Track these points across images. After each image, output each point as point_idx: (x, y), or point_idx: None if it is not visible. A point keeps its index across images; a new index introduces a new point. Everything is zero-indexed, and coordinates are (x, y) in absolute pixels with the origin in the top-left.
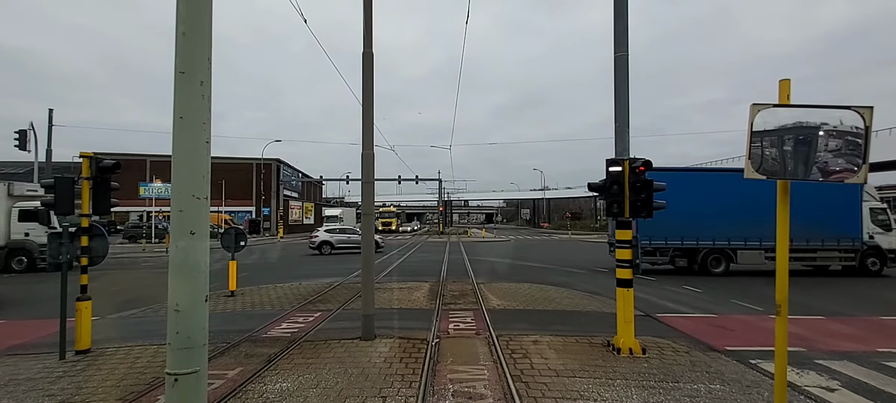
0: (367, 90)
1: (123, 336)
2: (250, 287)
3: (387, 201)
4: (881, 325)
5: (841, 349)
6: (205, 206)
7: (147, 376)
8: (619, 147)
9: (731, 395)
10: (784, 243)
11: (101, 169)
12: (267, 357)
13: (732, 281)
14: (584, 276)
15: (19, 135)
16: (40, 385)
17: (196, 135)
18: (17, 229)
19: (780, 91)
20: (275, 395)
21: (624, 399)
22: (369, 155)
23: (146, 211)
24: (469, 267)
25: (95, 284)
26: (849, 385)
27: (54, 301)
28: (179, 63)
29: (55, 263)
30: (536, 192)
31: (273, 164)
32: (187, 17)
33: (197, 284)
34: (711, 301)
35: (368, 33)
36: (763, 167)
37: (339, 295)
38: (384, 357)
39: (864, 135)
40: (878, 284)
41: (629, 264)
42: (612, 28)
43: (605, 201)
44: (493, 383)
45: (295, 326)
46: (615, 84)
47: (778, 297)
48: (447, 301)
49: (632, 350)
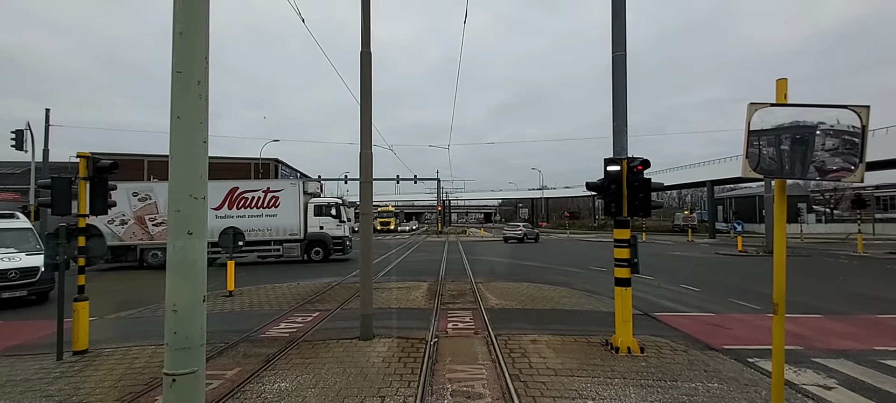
0: (365, 90)
1: (121, 337)
2: (248, 287)
3: (385, 201)
4: (878, 323)
5: (838, 347)
6: (202, 206)
7: (145, 376)
8: (618, 146)
9: (728, 394)
10: (781, 242)
11: (98, 169)
12: (265, 358)
13: (731, 279)
14: (583, 275)
15: (16, 134)
16: (37, 386)
17: (193, 135)
18: (313, 223)
19: (778, 90)
20: (273, 395)
21: (622, 397)
22: (367, 154)
23: None
24: (467, 266)
25: (93, 284)
26: (846, 384)
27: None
28: (177, 62)
29: (52, 263)
30: (535, 192)
31: (271, 164)
32: (184, 17)
33: (195, 284)
34: (709, 299)
35: (366, 33)
36: (760, 166)
37: (338, 294)
38: (383, 356)
39: (860, 134)
40: (877, 283)
41: (627, 263)
42: (611, 27)
43: (603, 200)
44: (492, 382)
45: (293, 326)
46: (613, 83)
47: (775, 296)
48: (446, 300)
49: (630, 349)
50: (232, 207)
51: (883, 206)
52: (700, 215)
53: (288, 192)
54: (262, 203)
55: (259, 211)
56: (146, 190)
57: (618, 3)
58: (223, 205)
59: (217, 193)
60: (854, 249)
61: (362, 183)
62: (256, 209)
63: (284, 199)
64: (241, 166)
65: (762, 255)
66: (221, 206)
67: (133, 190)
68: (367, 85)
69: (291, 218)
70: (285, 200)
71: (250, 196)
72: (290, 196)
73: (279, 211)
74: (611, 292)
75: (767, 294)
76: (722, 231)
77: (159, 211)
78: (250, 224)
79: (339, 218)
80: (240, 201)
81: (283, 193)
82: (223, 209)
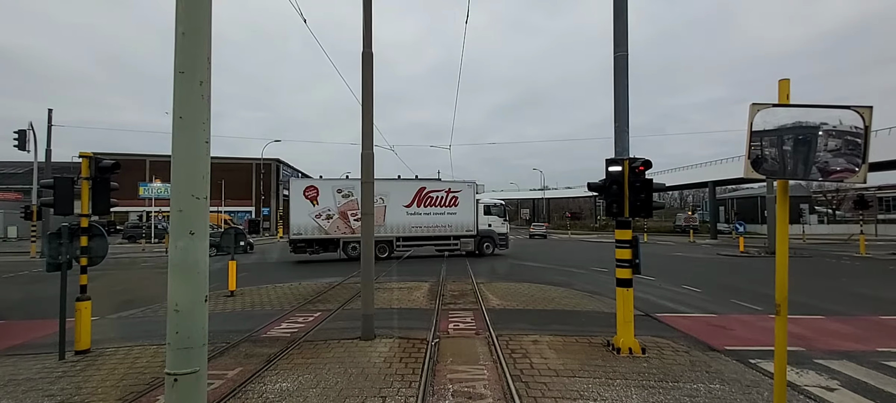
0: (366, 90)
1: (123, 337)
2: (250, 287)
3: None
4: (880, 324)
5: (840, 348)
6: (204, 206)
7: (147, 376)
8: (619, 147)
9: (730, 395)
10: (784, 243)
11: (100, 169)
12: (267, 358)
13: (733, 280)
14: (584, 276)
15: (18, 135)
16: (40, 386)
17: (195, 135)
18: (482, 221)
19: (780, 91)
20: (274, 395)
21: (624, 398)
22: (369, 154)
23: (146, 211)
24: (469, 266)
25: (95, 284)
26: (848, 385)
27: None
28: (179, 63)
29: (54, 263)
30: (536, 192)
31: (272, 164)
32: (187, 17)
33: (196, 284)
34: (711, 300)
35: (368, 33)
36: (763, 167)
37: (339, 294)
38: (384, 356)
39: (863, 135)
40: (879, 284)
41: (629, 264)
42: (612, 27)
43: (604, 201)
44: (493, 383)
45: (295, 326)
46: (615, 84)
47: (777, 297)
48: (447, 300)
49: (631, 349)
50: (419, 205)
51: (885, 207)
52: (702, 216)
53: (465, 193)
54: (444, 202)
55: (441, 209)
56: (349, 187)
57: (619, 4)
58: (412, 203)
59: (408, 192)
60: (856, 250)
61: (364, 183)
62: (440, 207)
63: (462, 199)
64: (243, 166)
65: (764, 256)
66: (411, 204)
67: (338, 187)
68: (368, 85)
69: (468, 216)
70: (463, 200)
71: (435, 195)
72: (467, 196)
73: (458, 209)
74: (612, 292)
75: (769, 295)
76: (724, 231)
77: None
78: (435, 220)
79: (503, 217)
80: (426, 200)
81: (461, 194)
82: (412, 206)
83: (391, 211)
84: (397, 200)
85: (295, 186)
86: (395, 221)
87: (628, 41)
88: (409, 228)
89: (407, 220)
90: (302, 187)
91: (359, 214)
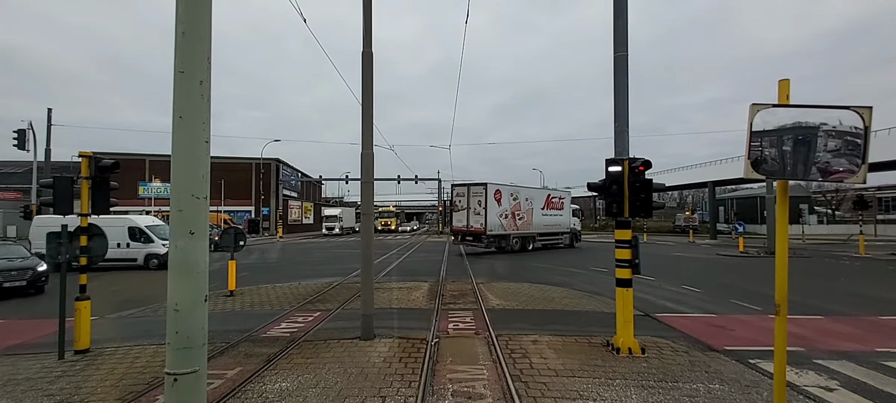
0: (366, 90)
1: (122, 336)
2: (249, 287)
3: (386, 201)
4: (879, 325)
5: (840, 348)
6: (204, 206)
7: (146, 376)
8: (619, 147)
9: (730, 395)
10: (783, 243)
11: (100, 168)
12: (266, 357)
13: (732, 280)
14: (583, 276)
15: (18, 134)
16: (39, 385)
17: (195, 135)
18: (574, 222)
19: (780, 91)
20: (274, 395)
21: (623, 398)
22: (369, 154)
23: (145, 210)
24: (468, 266)
25: (94, 284)
26: (848, 385)
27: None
28: (179, 63)
29: (54, 263)
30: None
31: (272, 164)
32: (187, 18)
33: (196, 284)
34: (710, 300)
35: (368, 33)
36: (762, 167)
37: (339, 294)
38: (383, 356)
39: (863, 135)
40: (878, 284)
41: (628, 264)
42: (612, 27)
43: (604, 201)
44: (493, 382)
45: (294, 326)
46: (615, 84)
47: (777, 297)
48: (447, 300)
49: (631, 349)
50: (547, 208)
51: (885, 208)
52: (701, 216)
53: (566, 198)
54: (557, 205)
55: (557, 212)
56: (516, 191)
57: (619, 4)
58: (545, 207)
59: (542, 197)
60: (856, 250)
61: (364, 183)
62: (556, 209)
63: (565, 203)
64: (243, 166)
65: (764, 256)
66: (545, 208)
67: (511, 191)
68: (368, 85)
69: (567, 216)
70: (566, 204)
71: (554, 200)
72: (567, 200)
73: (563, 211)
74: (611, 293)
75: (769, 295)
76: (723, 232)
77: (521, 208)
78: (554, 220)
79: (580, 217)
80: (549, 204)
81: (565, 199)
82: (545, 209)
83: (535, 213)
84: (538, 204)
85: (491, 189)
86: (536, 221)
87: (628, 41)
88: (542, 227)
89: (541, 220)
90: (493, 191)
91: (520, 213)
